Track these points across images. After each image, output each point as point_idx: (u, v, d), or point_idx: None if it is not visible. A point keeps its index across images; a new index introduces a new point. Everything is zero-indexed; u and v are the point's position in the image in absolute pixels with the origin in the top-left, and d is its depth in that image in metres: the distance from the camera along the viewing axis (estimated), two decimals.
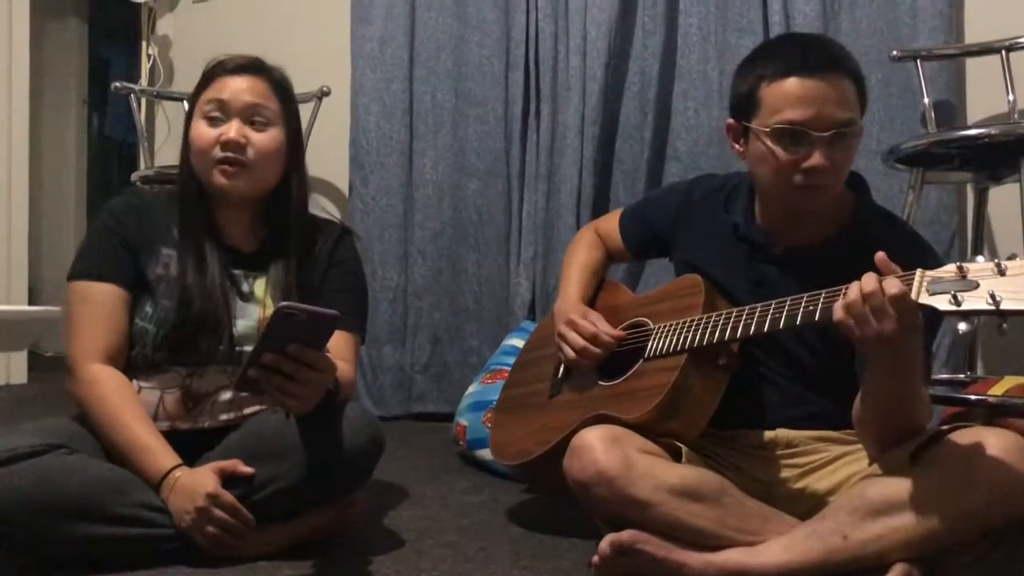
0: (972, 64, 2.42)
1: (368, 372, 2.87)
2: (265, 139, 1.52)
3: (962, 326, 1.21)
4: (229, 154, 1.49)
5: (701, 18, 2.63)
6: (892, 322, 1.14)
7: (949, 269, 1.11)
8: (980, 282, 1.07)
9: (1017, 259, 1.07)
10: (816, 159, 1.34)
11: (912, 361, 1.22)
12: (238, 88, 1.52)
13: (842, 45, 1.44)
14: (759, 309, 1.34)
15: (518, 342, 2.37)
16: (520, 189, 2.82)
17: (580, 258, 1.75)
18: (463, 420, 2.28)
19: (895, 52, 2.30)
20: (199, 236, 1.52)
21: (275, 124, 1.54)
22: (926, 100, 2.24)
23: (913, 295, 1.13)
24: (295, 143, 1.58)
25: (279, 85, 1.56)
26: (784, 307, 1.30)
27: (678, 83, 2.66)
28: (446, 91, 2.87)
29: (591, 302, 1.69)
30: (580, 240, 1.80)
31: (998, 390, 1.83)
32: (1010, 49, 2.21)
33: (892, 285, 1.14)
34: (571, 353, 1.56)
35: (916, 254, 1.26)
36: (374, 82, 2.90)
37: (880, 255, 1.16)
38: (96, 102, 5.15)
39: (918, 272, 1.14)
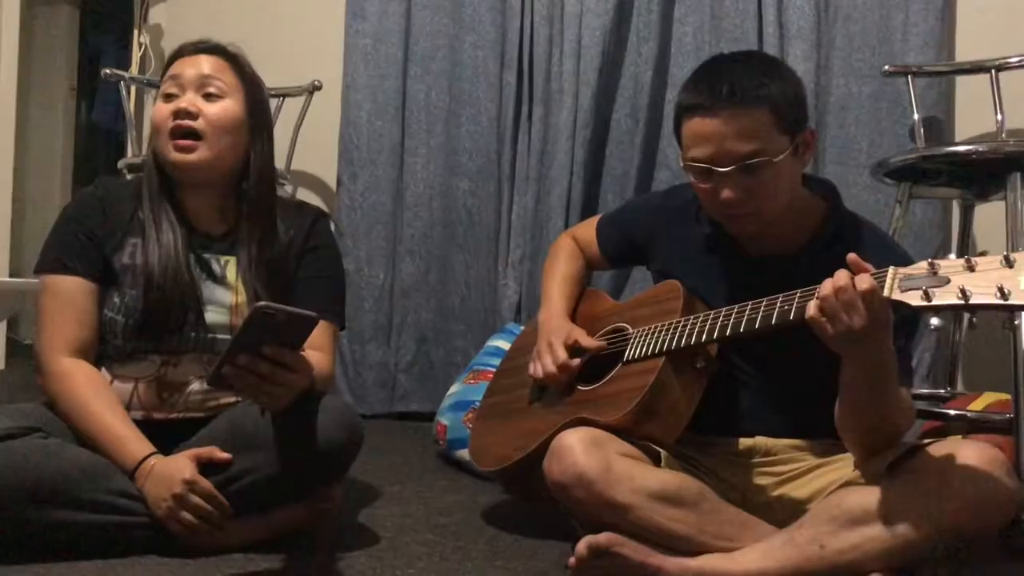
0: (962, 82, 2.45)
1: (351, 369, 2.86)
2: (217, 109, 1.51)
3: (934, 321, 1.24)
4: (181, 122, 1.48)
5: (696, 27, 2.64)
6: (862, 317, 1.15)
7: (921, 266, 1.13)
8: (951, 278, 1.09)
9: (987, 255, 1.09)
10: (725, 194, 1.37)
11: (884, 362, 1.23)
12: (194, 63, 1.53)
13: (767, 63, 1.44)
14: (735, 310, 1.35)
15: (502, 343, 2.37)
16: (511, 191, 2.82)
17: (561, 268, 1.74)
18: (444, 420, 2.27)
19: (887, 67, 2.32)
20: (163, 219, 1.51)
21: (230, 96, 1.53)
22: (916, 116, 2.25)
23: (886, 292, 1.14)
24: (257, 121, 1.56)
25: (234, 60, 1.56)
26: (760, 308, 1.31)
27: (670, 91, 2.67)
28: (440, 90, 2.87)
29: (572, 312, 1.69)
30: (559, 249, 1.79)
31: (978, 405, 1.84)
32: (1000, 68, 2.23)
33: (863, 280, 1.15)
34: (540, 374, 1.57)
35: (888, 255, 1.26)
36: (367, 78, 2.89)
37: (852, 255, 1.18)
38: (85, 90, 5.11)
39: (891, 269, 1.16)
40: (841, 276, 1.17)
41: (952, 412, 1.82)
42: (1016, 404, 1.65)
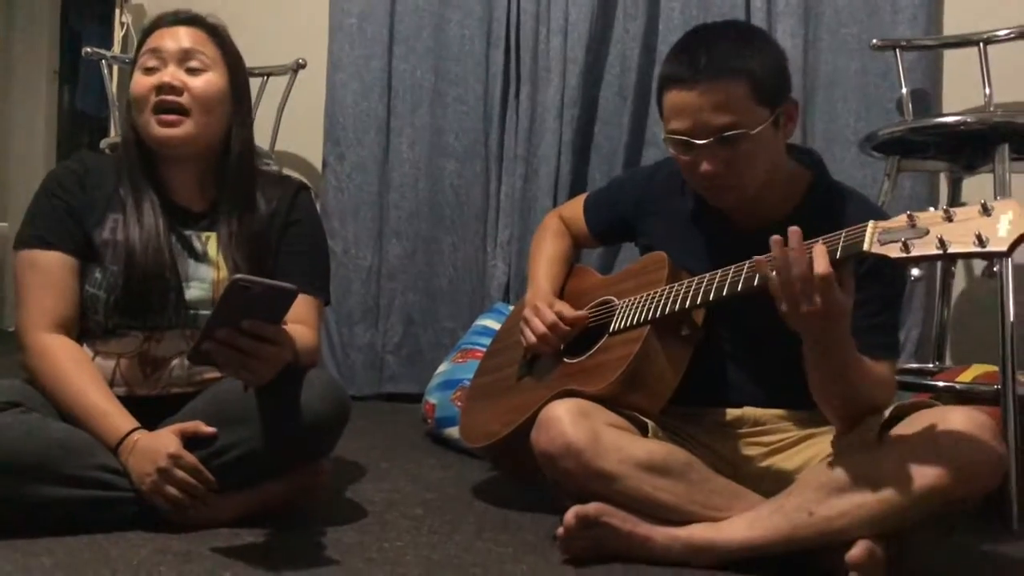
0: (950, 56, 2.44)
1: (339, 351, 2.84)
2: (201, 82, 1.49)
3: (915, 272, 1.24)
4: (166, 97, 1.46)
5: (683, 3, 2.61)
6: (802, 265, 1.15)
7: (900, 219, 1.13)
8: (930, 229, 1.09)
9: (965, 206, 1.09)
10: (703, 166, 1.37)
11: (840, 339, 1.22)
12: (173, 36, 1.50)
13: (748, 34, 1.43)
14: (718, 275, 1.35)
15: (490, 323, 2.36)
16: (498, 170, 2.80)
17: (547, 249, 1.74)
18: (432, 399, 2.26)
19: (875, 41, 2.31)
20: (142, 193, 1.49)
21: (213, 69, 1.51)
22: (904, 90, 2.25)
23: (866, 246, 1.14)
24: (239, 94, 1.55)
25: (216, 32, 1.54)
26: (742, 271, 1.30)
27: (658, 68, 2.56)
28: (425, 70, 2.84)
29: (560, 289, 1.68)
30: (546, 229, 1.78)
31: (966, 377, 1.84)
32: (988, 42, 2.22)
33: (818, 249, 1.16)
34: (532, 338, 1.56)
35: (870, 217, 1.26)
36: (352, 58, 2.86)
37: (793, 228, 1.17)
38: (68, 75, 5.06)
39: (870, 224, 1.15)
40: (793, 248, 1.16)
41: (940, 384, 1.82)
42: (1003, 354, 1.64)
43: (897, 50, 2.27)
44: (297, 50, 2.83)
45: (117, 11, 3.09)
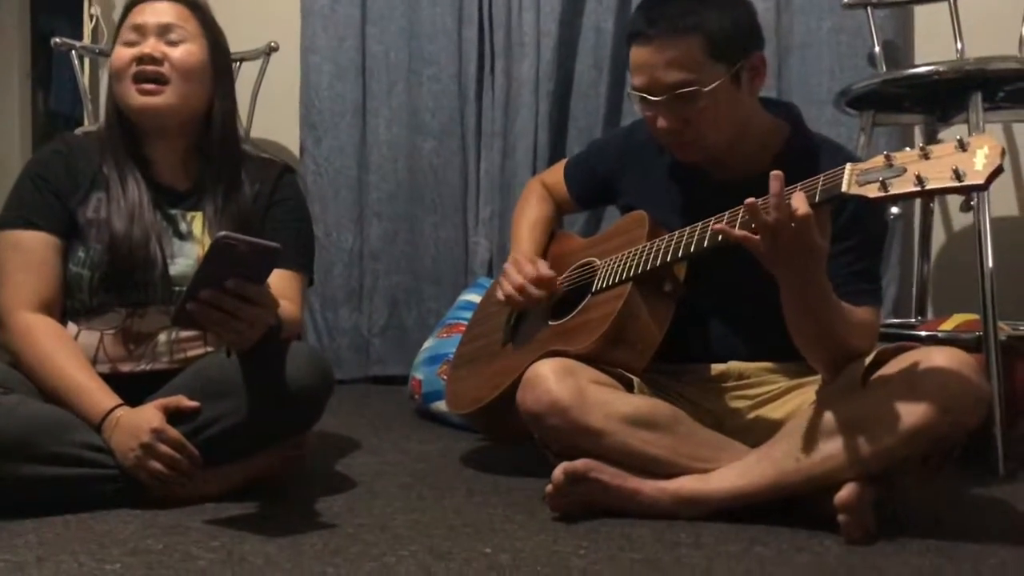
0: (920, 11, 2.45)
1: (324, 335, 2.83)
2: (182, 52, 1.48)
3: (894, 210, 1.25)
4: (146, 67, 1.46)
5: None
6: (782, 206, 1.14)
7: (877, 160, 1.13)
8: (907, 167, 1.10)
9: (942, 143, 1.09)
10: (660, 123, 1.38)
11: (816, 281, 1.22)
12: (153, 10, 1.50)
13: None
14: (698, 228, 1.34)
15: (474, 297, 2.35)
16: (476, 147, 2.79)
17: (530, 214, 1.74)
18: (418, 374, 2.26)
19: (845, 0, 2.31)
20: (126, 172, 1.48)
21: (192, 41, 1.50)
22: (876, 48, 2.25)
23: (844, 187, 1.14)
24: (220, 68, 1.54)
25: (196, 7, 1.54)
26: (722, 221, 1.30)
27: None
28: (399, 49, 2.82)
29: (543, 253, 1.68)
30: (529, 194, 1.78)
31: (948, 326, 1.85)
32: None
33: (799, 201, 1.15)
34: (509, 289, 1.55)
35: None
36: (326, 40, 2.84)
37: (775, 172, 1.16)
38: (41, 77, 5.01)
39: (848, 166, 1.16)
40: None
41: (923, 334, 1.83)
42: (983, 300, 1.65)
43: (868, 8, 2.27)
44: (269, 33, 2.80)
45: (86, 3, 3.06)
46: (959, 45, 2.21)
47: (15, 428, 1.27)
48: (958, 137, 1.07)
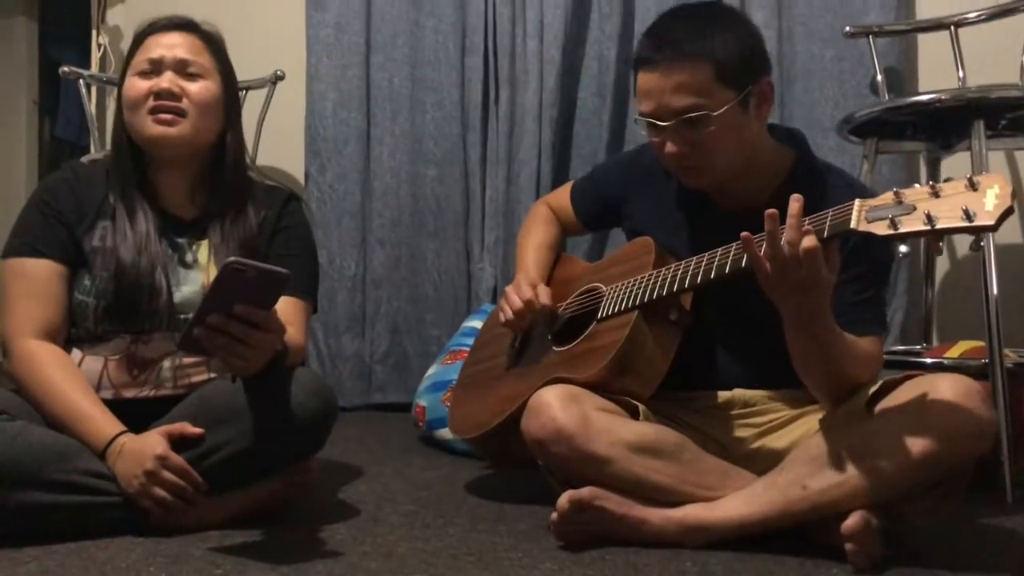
0: (923, 40, 2.46)
1: (327, 361, 2.82)
2: (199, 88, 1.50)
3: (903, 248, 1.24)
4: (164, 102, 1.46)
5: (658, 1, 2.63)
6: (791, 238, 1.14)
7: (886, 196, 1.13)
8: (916, 205, 1.09)
9: (952, 180, 1.08)
10: (668, 147, 1.38)
11: (820, 313, 1.21)
12: (170, 44, 1.50)
13: (715, 15, 1.42)
14: (705, 258, 1.34)
15: (478, 323, 2.35)
16: (481, 174, 2.80)
17: (535, 236, 1.74)
18: (422, 401, 2.25)
19: (848, 28, 2.33)
20: (133, 201, 1.49)
21: (208, 77, 1.51)
22: (879, 76, 2.26)
23: (852, 224, 1.13)
24: (231, 101, 1.56)
25: (211, 41, 1.55)
26: (729, 252, 1.30)
27: None
28: (403, 77, 2.84)
29: (548, 276, 1.68)
30: (534, 217, 1.79)
31: (953, 353, 1.85)
32: (959, 25, 2.24)
33: (808, 239, 1.15)
34: (510, 314, 1.55)
35: (854, 194, 1.26)
36: (330, 68, 2.86)
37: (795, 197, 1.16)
38: (48, 104, 5.04)
39: (856, 202, 1.15)
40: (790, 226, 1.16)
41: (929, 361, 1.82)
42: (988, 328, 1.65)
43: (870, 36, 2.29)
44: (275, 62, 2.83)
45: (94, 32, 3.09)
46: (961, 73, 2.23)
47: (18, 455, 1.27)
48: (968, 175, 1.06)
